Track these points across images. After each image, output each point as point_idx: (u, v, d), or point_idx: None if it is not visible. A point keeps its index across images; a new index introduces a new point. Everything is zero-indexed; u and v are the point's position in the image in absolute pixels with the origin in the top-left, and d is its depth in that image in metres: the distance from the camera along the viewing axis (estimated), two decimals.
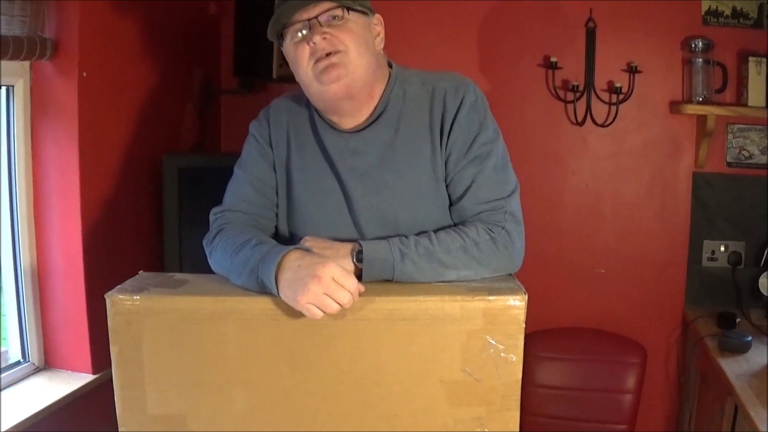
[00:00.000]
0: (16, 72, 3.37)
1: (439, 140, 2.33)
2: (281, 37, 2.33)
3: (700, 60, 4.14)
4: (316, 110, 2.44)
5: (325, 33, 2.23)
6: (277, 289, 2.00)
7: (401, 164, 2.34)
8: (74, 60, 3.39)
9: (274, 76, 4.17)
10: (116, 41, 3.65)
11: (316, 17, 2.23)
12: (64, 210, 3.48)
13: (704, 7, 4.22)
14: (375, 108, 2.39)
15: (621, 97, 4.25)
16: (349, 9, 2.27)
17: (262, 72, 4.23)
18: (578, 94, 4.29)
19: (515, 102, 4.30)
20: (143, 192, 3.93)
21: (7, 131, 3.43)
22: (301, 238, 2.27)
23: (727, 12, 4.20)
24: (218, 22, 4.67)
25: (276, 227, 2.51)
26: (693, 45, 4.16)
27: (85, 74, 3.41)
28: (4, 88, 3.38)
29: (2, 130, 3.43)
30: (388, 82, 2.42)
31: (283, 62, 3.99)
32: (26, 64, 3.40)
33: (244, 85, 4.53)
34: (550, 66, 4.29)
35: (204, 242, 2.38)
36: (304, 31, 2.26)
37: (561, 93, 4.36)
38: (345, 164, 2.38)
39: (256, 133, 2.53)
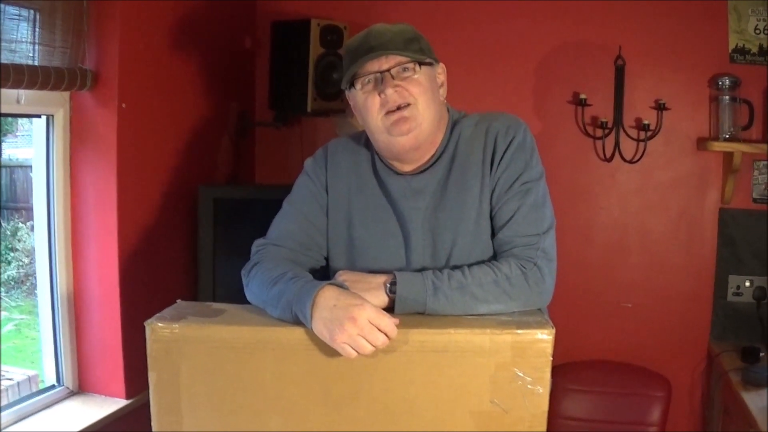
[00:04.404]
0: (56, 102, 3.45)
1: (488, 176, 2.39)
2: (351, 85, 2.39)
3: (727, 97, 4.16)
4: (377, 153, 2.51)
5: (397, 86, 2.31)
6: (311, 324, 2.05)
7: (452, 201, 2.40)
8: (113, 91, 3.45)
9: (309, 110, 4.21)
10: (155, 74, 3.72)
11: (388, 70, 2.31)
12: (101, 237, 3.53)
13: (731, 45, 4.24)
14: (435, 152, 2.46)
15: (649, 133, 4.27)
16: (420, 64, 2.35)
17: (297, 106, 4.27)
18: (607, 131, 4.32)
19: (545, 138, 4.33)
20: (179, 222, 3.98)
21: (47, 160, 3.49)
22: None
23: (754, 50, 4.22)
24: (254, 56, 4.72)
25: (328, 265, 2.56)
26: (720, 82, 4.18)
27: (124, 105, 3.47)
28: (44, 118, 3.45)
29: (42, 159, 3.49)
30: (446, 127, 2.49)
31: (318, 96, 4.09)
32: (66, 94, 3.47)
33: (279, 118, 4.56)
34: (580, 103, 4.32)
35: (242, 273, 2.42)
36: (375, 82, 2.33)
37: (590, 129, 4.40)
38: (407, 204, 2.44)
39: (312, 173, 2.57)
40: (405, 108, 2.32)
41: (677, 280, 4.46)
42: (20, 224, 3.88)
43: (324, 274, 2.53)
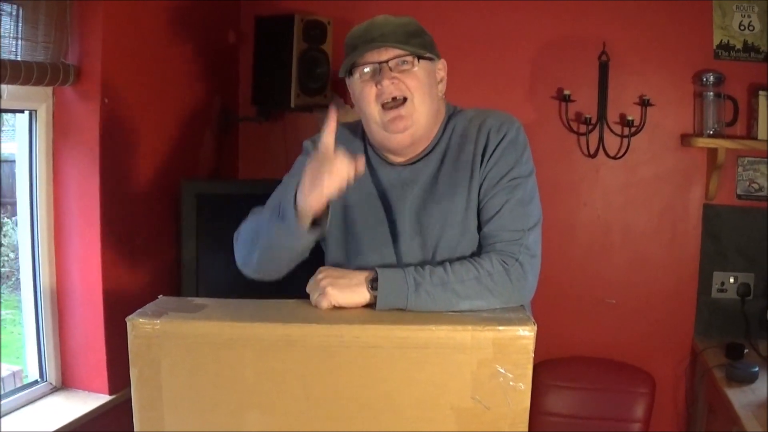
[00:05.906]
0: (39, 97, 3.44)
1: (478, 170, 2.40)
2: (350, 73, 2.41)
3: (712, 93, 4.17)
4: (370, 143, 2.53)
5: (393, 78, 2.33)
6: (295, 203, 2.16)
7: (442, 194, 2.42)
8: (96, 86, 3.45)
9: (292, 105, 4.20)
10: (138, 69, 3.71)
11: (386, 61, 2.33)
12: (83, 232, 3.53)
13: (716, 41, 4.25)
14: (428, 144, 2.47)
15: (633, 129, 4.28)
16: (419, 57, 2.37)
17: (281, 101, 4.26)
18: (591, 127, 4.32)
19: (528, 133, 4.21)
20: (161, 216, 3.97)
21: (30, 155, 3.48)
22: (355, 265, 2.40)
23: (739, 46, 4.23)
24: (237, 51, 4.72)
25: (328, 252, 2.59)
26: (704, 79, 4.19)
27: (106, 100, 3.47)
28: (27, 113, 3.44)
29: (25, 154, 3.48)
30: (442, 121, 2.51)
31: (301, 92, 4.08)
32: (49, 89, 3.46)
33: (262, 114, 4.55)
34: (564, 98, 4.32)
35: (234, 237, 2.50)
36: (373, 73, 2.35)
37: (574, 125, 4.40)
38: (396, 194, 2.46)
39: (312, 151, 2.56)
40: (402, 106, 2.34)
41: (661, 276, 4.47)
42: (6, 219, 3.85)
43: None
